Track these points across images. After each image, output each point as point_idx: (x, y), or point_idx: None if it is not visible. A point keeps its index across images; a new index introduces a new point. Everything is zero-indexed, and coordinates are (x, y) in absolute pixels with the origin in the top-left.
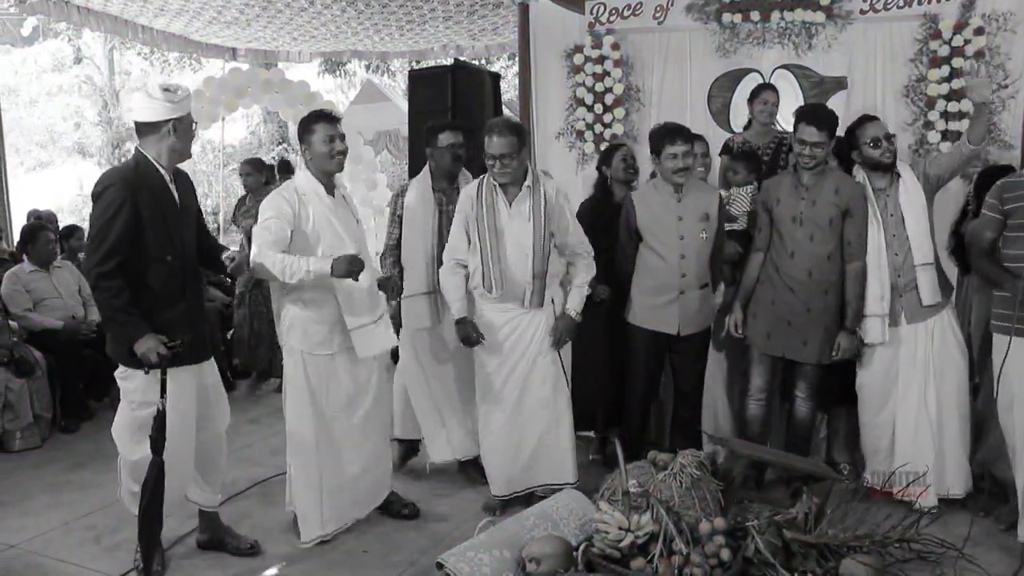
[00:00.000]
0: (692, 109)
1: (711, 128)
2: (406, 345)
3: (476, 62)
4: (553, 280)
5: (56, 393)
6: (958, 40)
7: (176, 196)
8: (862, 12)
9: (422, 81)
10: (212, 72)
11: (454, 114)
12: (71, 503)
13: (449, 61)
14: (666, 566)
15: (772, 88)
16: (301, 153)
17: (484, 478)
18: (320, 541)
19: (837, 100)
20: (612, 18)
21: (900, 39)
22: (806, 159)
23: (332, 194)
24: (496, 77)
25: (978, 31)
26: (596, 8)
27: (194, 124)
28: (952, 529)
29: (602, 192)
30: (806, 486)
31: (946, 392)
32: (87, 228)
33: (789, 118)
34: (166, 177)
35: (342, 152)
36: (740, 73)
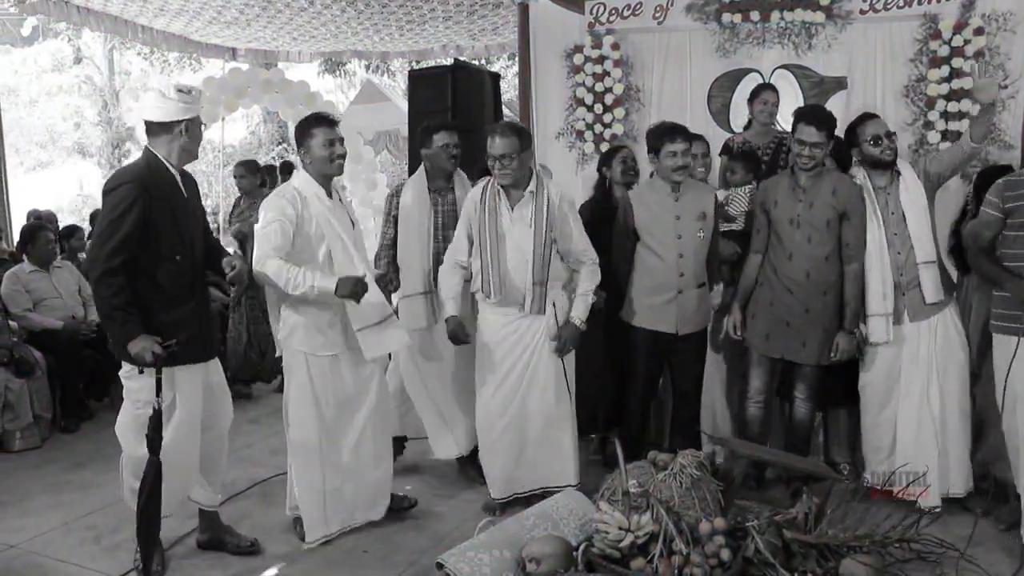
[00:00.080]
0: (692, 109)
1: (711, 128)
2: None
3: (476, 62)
4: (555, 284)
5: (56, 393)
6: (958, 40)
7: (185, 196)
8: (862, 12)
9: (422, 81)
10: (212, 72)
11: (454, 114)
12: (71, 503)
13: (449, 61)
14: (666, 566)
15: (772, 88)
16: (300, 156)
17: (484, 478)
18: (323, 541)
19: (837, 100)
20: (612, 18)
21: (900, 39)
22: (805, 159)
23: (331, 196)
24: (496, 77)
25: (978, 31)
26: (596, 8)
27: (203, 125)
28: (952, 529)
29: (602, 194)
30: (806, 486)
31: (949, 390)
32: (87, 228)
33: (789, 118)
34: (176, 177)
35: (342, 156)
36: (740, 73)
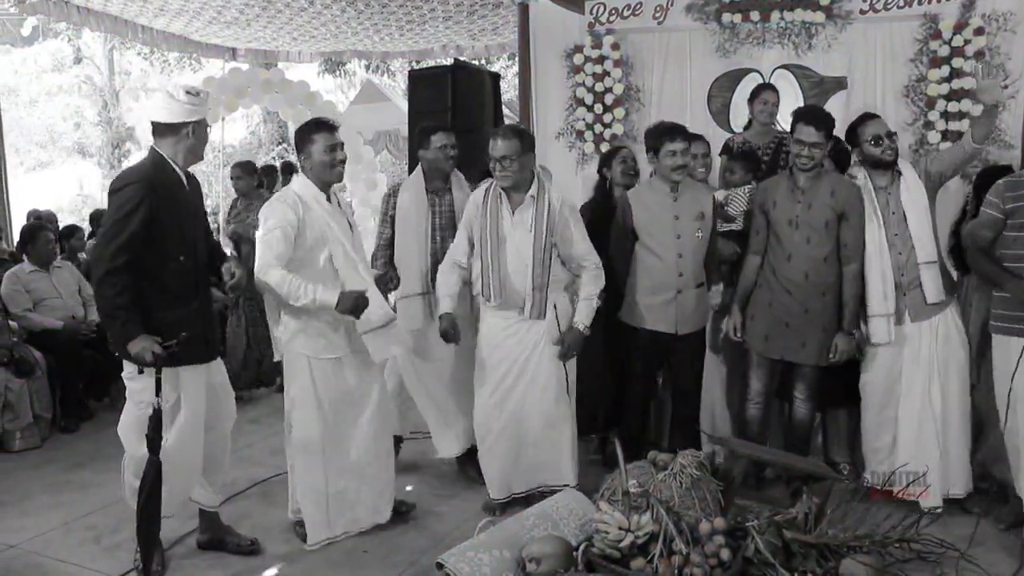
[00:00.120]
0: (692, 109)
1: (711, 128)
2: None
3: (476, 62)
4: (556, 287)
5: (56, 393)
6: (958, 40)
7: (189, 197)
8: (862, 12)
9: (422, 81)
10: (212, 72)
11: (454, 114)
12: (71, 503)
13: (449, 61)
14: (666, 566)
15: (772, 88)
16: (300, 161)
17: (483, 478)
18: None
19: (837, 100)
20: (612, 18)
21: (900, 39)
22: (804, 160)
23: (330, 201)
24: (496, 77)
25: (978, 31)
26: (596, 8)
27: (209, 127)
28: (952, 529)
29: (602, 194)
30: (806, 486)
31: (950, 391)
32: (87, 227)
33: (789, 118)
34: (182, 177)
35: (343, 162)
36: (740, 73)
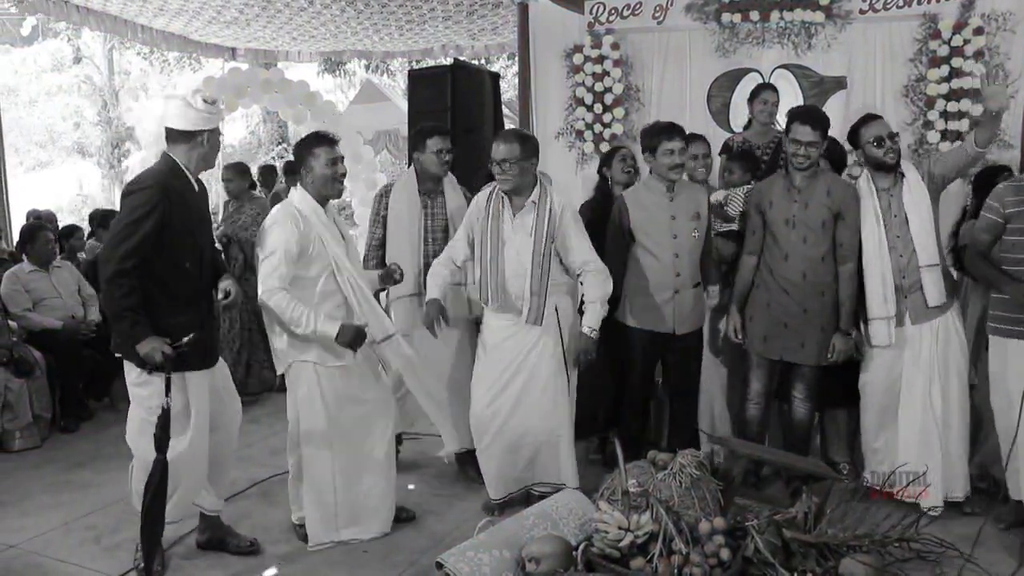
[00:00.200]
0: (692, 109)
1: (711, 128)
2: None
3: (476, 62)
4: (557, 290)
5: (55, 393)
6: (957, 40)
7: (199, 204)
8: (861, 12)
9: (422, 81)
10: (212, 72)
11: (454, 114)
12: (71, 503)
13: (449, 61)
14: (665, 566)
15: (772, 88)
16: (300, 174)
17: (483, 478)
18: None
19: (837, 100)
20: (611, 18)
21: (900, 39)
22: (801, 159)
23: (326, 212)
24: (496, 77)
25: (977, 31)
26: (595, 8)
27: (221, 135)
28: (951, 529)
29: (602, 194)
30: (806, 486)
31: (950, 393)
32: (87, 227)
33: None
34: (193, 185)
35: (344, 175)
36: (740, 73)
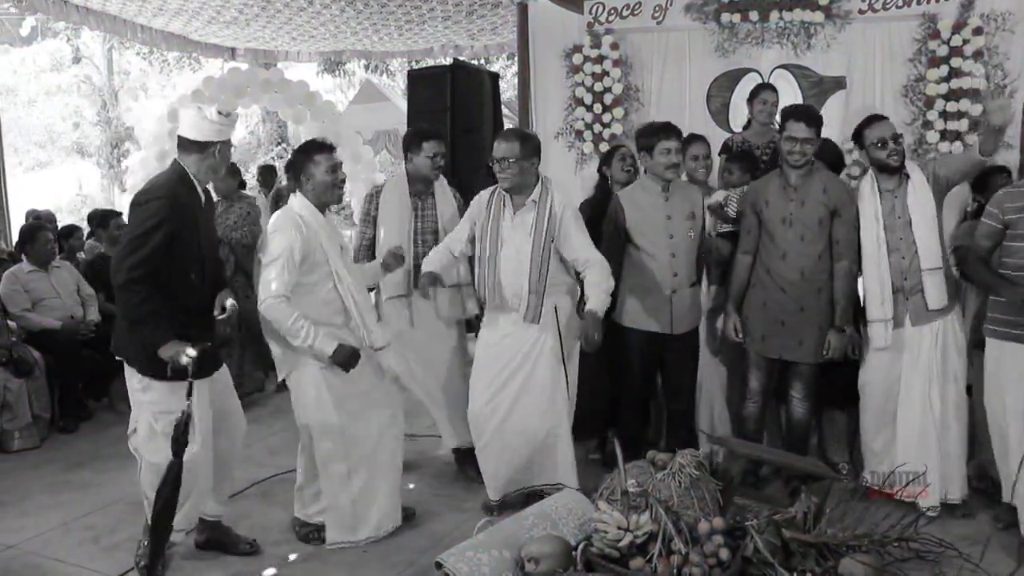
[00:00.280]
0: (691, 109)
1: (710, 128)
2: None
3: (475, 62)
4: (557, 290)
5: (55, 393)
6: (957, 40)
7: (205, 215)
8: (861, 12)
9: (421, 81)
10: (211, 72)
11: (453, 114)
12: (70, 503)
13: (448, 61)
14: (665, 566)
15: (771, 88)
16: (300, 181)
17: (482, 478)
18: (321, 540)
19: (836, 100)
20: (611, 18)
21: (899, 39)
22: (796, 156)
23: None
24: (495, 77)
25: (977, 31)
26: (595, 8)
27: (233, 147)
28: (950, 529)
29: (602, 193)
30: (805, 485)
31: (948, 395)
32: (86, 227)
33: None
34: (201, 196)
35: (343, 182)
36: (739, 73)
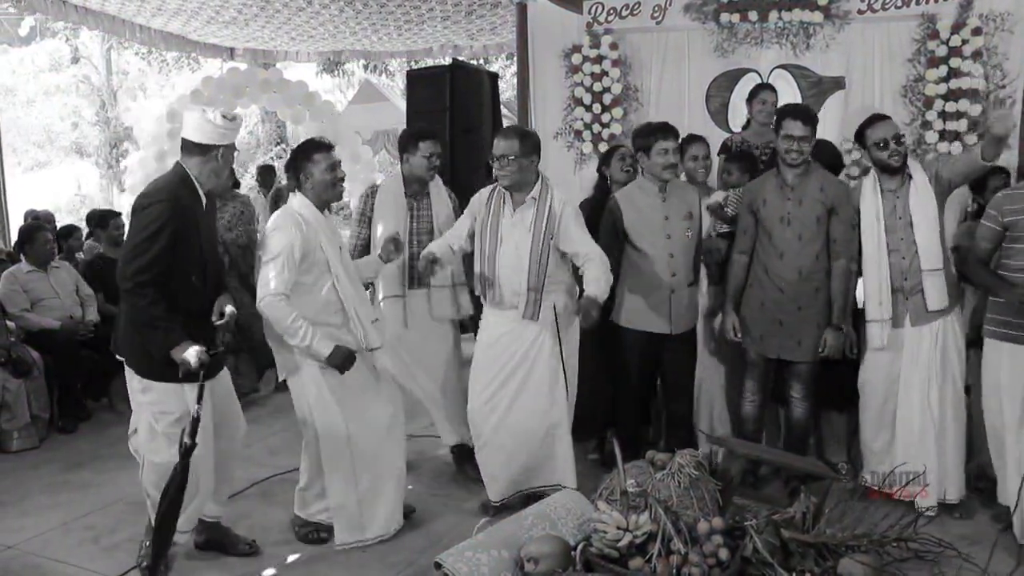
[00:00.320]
0: (690, 109)
1: (709, 128)
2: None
3: (474, 62)
4: (556, 288)
5: (54, 393)
6: (956, 40)
7: (207, 218)
8: (860, 12)
9: (420, 81)
10: (210, 72)
11: (452, 114)
12: (69, 503)
13: (447, 61)
14: (664, 566)
15: (771, 88)
16: (299, 180)
17: (476, 473)
18: (321, 541)
19: (835, 100)
20: (610, 18)
21: (898, 39)
22: (794, 155)
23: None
24: (494, 77)
25: (976, 31)
26: (594, 8)
27: (236, 151)
28: (949, 529)
29: (601, 193)
30: (804, 485)
31: (947, 395)
32: (85, 227)
33: None
34: (203, 198)
35: (343, 179)
36: (738, 73)
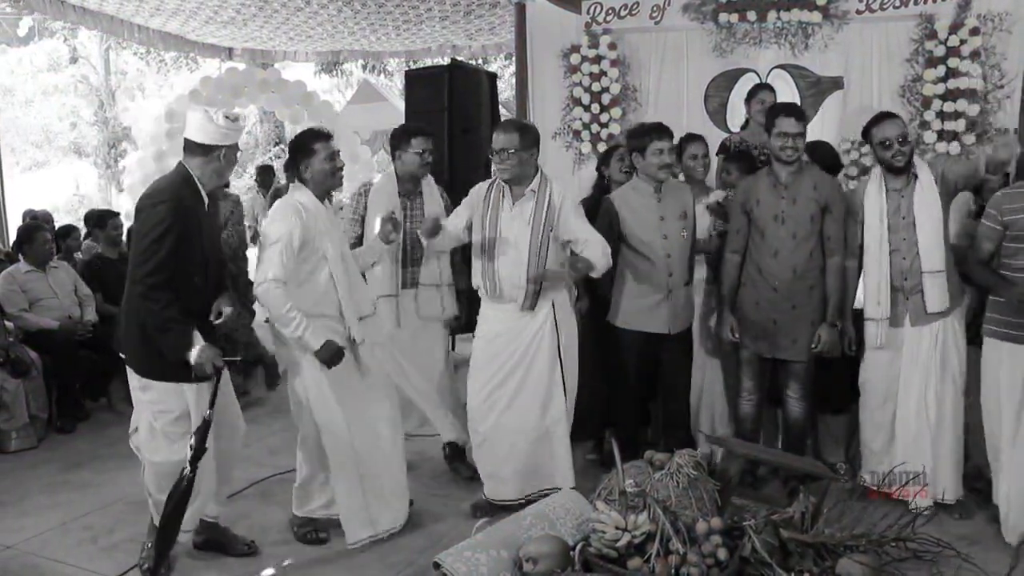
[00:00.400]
0: (689, 109)
1: (708, 128)
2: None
3: (473, 62)
4: (553, 285)
5: (52, 393)
6: (954, 40)
7: (209, 219)
8: (858, 12)
9: (419, 81)
10: (208, 72)
11: (451, 114)
12: (68, 503)
13: (446, 61)
14: (663, 566)
15: (769, 88)
16: (300, 171)
17: (472, 473)
18: (320, 541)
19: (834, 100)
20: (609, 18)
21: (896, 39)
22: (790, 151)
23: (326, 208)
24: (493, 77)
25: (974, 31)
26: (593, 8)
27: (239, 151)
28: (948, 528)
29: (600, 192)
30: (803, 485)
31: (945, 396)
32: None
33: None
34: (205, 199)
35: (341, 168)
36: (737, 73)
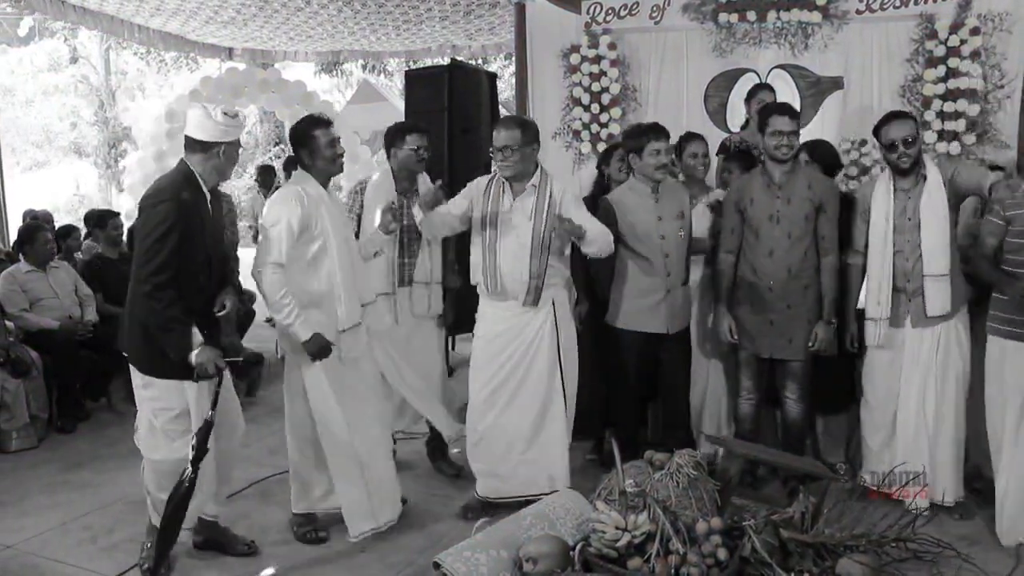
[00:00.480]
0: (688, 109)
1: (707, 127)
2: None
3: (473, 62)
4: (555, 283)
5: (52, 393)
6: (954, 40)
7: (212, 216)
8: (858, 12)
9: (419, 81)
10: (209, 72)
11: (451, 114)
12: (68, 503)
13: (446, 61)
14: (663, 566)
15: (769, 88)
16: (301, 158)
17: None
18: (319, 540)
19: (833, 100)
20: (608, 18)
21: (896, 39)
22: (784, 149)
23: (329, 194)
24: (493, 77)
25: (974, 31)
26: (592, 8)
27: (241, 148)
28: (948, 529)
29: (600, 190)
30: (803, 485)
31: (945, 398)
32: (82, 225)
33: None
34: (207, 196)
35: (342, 154)
36: (736, 73)
